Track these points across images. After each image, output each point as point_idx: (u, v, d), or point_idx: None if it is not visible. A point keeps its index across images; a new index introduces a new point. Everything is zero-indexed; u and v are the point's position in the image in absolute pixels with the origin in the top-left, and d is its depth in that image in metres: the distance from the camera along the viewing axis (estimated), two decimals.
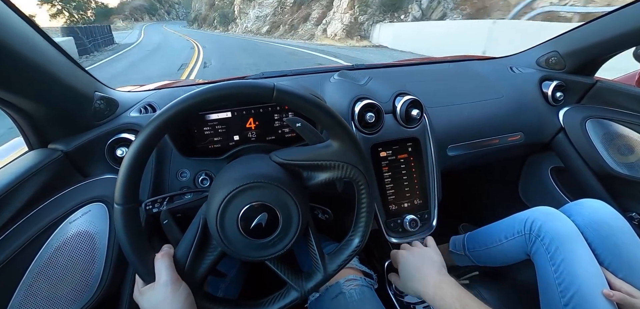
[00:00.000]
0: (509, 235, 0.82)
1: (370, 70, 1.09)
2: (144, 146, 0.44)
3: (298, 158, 0.52)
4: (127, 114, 0.79)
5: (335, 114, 0.49)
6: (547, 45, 1.10)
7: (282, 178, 0.49)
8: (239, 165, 0.54)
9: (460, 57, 1.28)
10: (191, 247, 0.51)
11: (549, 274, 0.72)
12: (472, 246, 0.94)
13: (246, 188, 0.47)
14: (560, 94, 1.04)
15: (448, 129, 0.94)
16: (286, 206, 0.48)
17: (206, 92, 0.45)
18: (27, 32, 0.55)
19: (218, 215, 0.46)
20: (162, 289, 0.47)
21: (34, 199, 0.61)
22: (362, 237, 0.56)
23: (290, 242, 0.50)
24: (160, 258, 0.49)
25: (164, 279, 0.47)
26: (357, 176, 0.52)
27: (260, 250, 0.49)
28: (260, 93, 0.46)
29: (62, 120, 0.69)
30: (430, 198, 0.87)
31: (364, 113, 0.79)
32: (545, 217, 0.76)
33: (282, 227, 0.49)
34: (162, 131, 0.45)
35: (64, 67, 0.64)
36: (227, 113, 0.72)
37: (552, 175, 1.20)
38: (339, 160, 0.51)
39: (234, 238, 0.48)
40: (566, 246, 0.71)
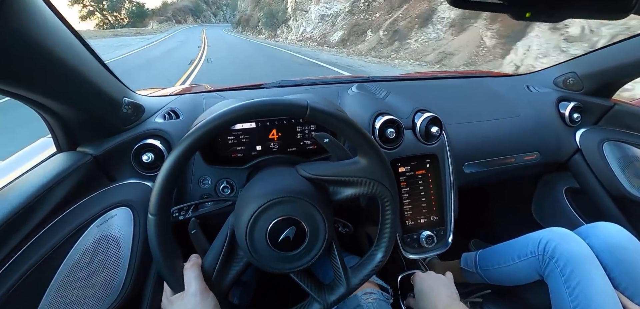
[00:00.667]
0: (522, 255, 0.82)
1: (387, 83, 1.10)
2: (180, 159, 0.45)
3: (326, 174, 0.53)
4: (152, 120, 0.81)
5: (365, 132, 0.51)
6: (565, 66, 1.11)
7: (309, 193, 0.50)
8: (268, 179, 0.55)
9: (476, 72, 1.29)
10: (219, 257, 0.52)
11: (563, 297, 0.71)
12: (484, 264, 0.94)
13: (276, 203, 0.48)
14: (578, 115, 1.04)
15: (465, 146, 0.94)
16: (314, 221, 0.49)
17: (242, 109, 0.46)
18: (62, 33, 0.55)
19: (248, 227, 0.47)
20: (192, 299, 0.47)
21: (64, 202, 0.63)
22: (385, 252, 0.56)
23: (316, 255, 0.51)
24: (190, 268, 0.50)
25: (193, 289, 0.48)
26: (383, 193, 0.53)
27: (286, 263, 0.50)
28: (294, 110, 0.48)
29: (92, 123, 0.70)
30: (447, 215, 0.87)
31: (384, 129, 0.80)
32: (560, 239, 0.76)
33: (309, 241, 0.49)
34: (197, 146, 0.46)
35: (96, 71, 0.66)
36: (251, 124, 0.73)
37: (567, 195, 1.19)
38: (366, 176, 0.52)
39: (262, 251, 0.49)
40: (581, 269, 0.70)
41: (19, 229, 0.53)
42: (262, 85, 1.08)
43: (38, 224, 0.57)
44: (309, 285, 0.55)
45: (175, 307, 0.49)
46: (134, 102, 0.78)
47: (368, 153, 0.52)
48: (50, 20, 0.52)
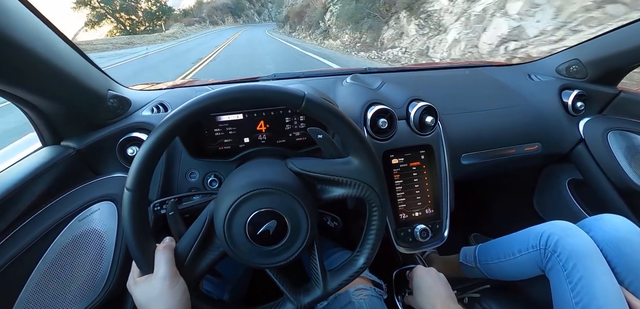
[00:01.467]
0: (523, 249, 0.80)
1: (383, 74, 1.07)
2: (163, 136, 0.43)
3: (316, 170, 0.51)
4: (139, 113, 0.79)
5: (360, 132, 0.49)
6: (568, 53, 1.07)
7: (295, 187, 0.48)
8: (253, 169, 0.53)
9: (476, 62, 1.25)
10: (194, 243, 0.49)
11: (565, 293, 0.69)
12: (484, 258, 0.91)
13: (258, 193, 0.46)
14: (581, 104, 1.00)
15: (462, 137, 0.91)
16: (296, 216, 0.47)
17: (233, 93, 0.44)
18: (41, 30, 0.55)
19: (227, 216, 0.45)
20: (159, 283, 0.45)
21: (46, 195, 0.61)
22: (367, 258, 0.54)
23: (296, 253, 0.49)
24: (162, 249, 0.47)
25: (162, 272, 0.45)
26: (372, 198, 0.51)
27: (264, 257, 0.48)
28: (289, 100, 0.45)
29: (75, 117, 0.69)
30: (443, 208, 0.84)
31: (376, 119, 0.77)
32: (562, 232, 0.73)
33: (289, 237, 0.48)
34: (179, 126, 0.44)
35: (78, 65, 0.65)
36: (238, 115, 0.71)
37: (570, 187, 1.15)
38: (357, 178, 0.50)
39: (240, 242, 0.47)
40: (584, 264, 0.68)
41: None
42: (258, 79, 1.06)
43: (18, 217, 0.56)
44: (283, 283, 0.53)
45: (139, 289, 0.46)
46: (120, 95, 0.76)
47: (361, 154, 0.50)
48: (27, 17, 0.51)
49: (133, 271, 0.49)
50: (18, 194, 0.56)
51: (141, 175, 0.44)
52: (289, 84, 0.96)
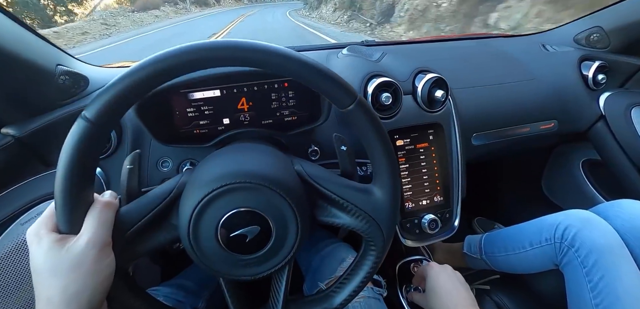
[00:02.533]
0: (535, 242, 0.72)
1: (384, 46, 0.95)
2: (167, 70, 0.31)
3: (328, 187, 0.41)
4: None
5: (398, 165, 0.41)
6: (589, 20, 0.96)
7: (290, 188, 0.38)
8: (232, 155, 0.42)
9: (483, 34, 1.14)
10: (149, 212, 0.37)
11: (583, 292, 0.62)
12: (490, 249, 0.84)
13: (237, 187, 0.35)
14: (603, 77, 0.91)
15: (474, 114, 0.81)
16: (284, 221, 0.37)
17: (278, 52, 0.33)
18: None
19: (193, 214, 0.35)
20: (81, 251, 0.31)
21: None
22: (345, 300, 0.44)
23: (277, 266, 0.39)
24: (100, 206, 0.34)
25: (90, 237, 0.31)
26: (376, 240, 0.42)
27: (237, 268, 0.38)
28: (338, 95, 0.36)
29: (16, 99, 0.57)
30: (453, 195, 0.75)
31: (378, 94, 0.66)
32: (581, 224, 0.65)
33: (272, 245, 0.38)
34: (199, 65, 0.32)
35: (13, 36, 0.52)
36: (215, 92, 0.60)
37: (584, 169, 1.07)
38: (371, 214, 0.40)
39: (208, 247, 0.37)
40: (607, 261, 0.60)
41: None
42: None
43: None
44: (233, 299, 0.43)
45: (43, 250, 0.31)
46: (73, 71, 0.64)
47: (386, 190, 0.41)
48: None
49: (43, 220, 0.33)
50: None
51: (110, 108, 0.31)
52: None
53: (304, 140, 0.66)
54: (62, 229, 0.32)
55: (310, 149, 0.66)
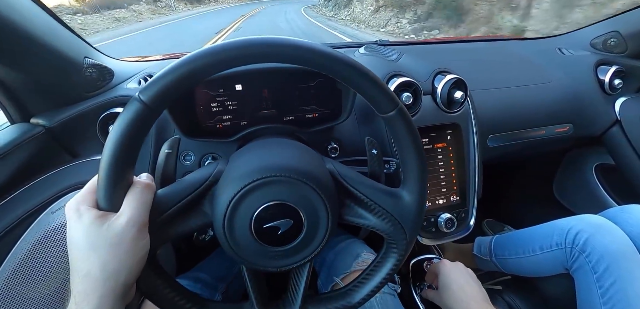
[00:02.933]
0: (545, 247, 0.72)
1: (400, 46, 0.96)
2: (225, 61, 0.32)
3: (358, 187, 0.41)
4: (124, 85, 0.68)
5: (427, 172, 0.41)
6: (606, 24, 0.96)
7: (322, 182, 0.38)
8: (262, 149, 0.43)
9: (500, 36, 1.14)
10: (184, 198, 0.37)
11: (593, 298, 0.62)
12: (501, 252, 0.84)
13: (270, 181, 0.36)
14: (619, 82, 0.90)
15: (490, 116, 0.81)
16: (315, 213, 0.38)
17: (326, 53, 0.34)
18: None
19: (229, 208, 0.36)
20: (121, 230, 0.31)
21: (9, 184, 0.51)
22: (363, 299, 0.45)
23: (307, 257, 0.40)
24: (140, 187, 0.34)
25: (130, 216, 0.32)
26: (399, 242, 0.42)
27: (270, 259, 0.39)
28: (380, 100, 0.36)
29: (45, 90, 0.58)
30: (470, 195, 0.75)
31: (399, 93, 0.67)
32: (593, 229, 0.65)
33: (304, 237, 0.38)
34: (261, 58, 0.33)
35: (46, 27, 0.53)
36: (238, 87, 0.60)
37: (597, 173, 1.07)
38: (398, 217, 0.41)
39: (243, 240, 0.37)
40: (619, 267, 0.60)
41: None
42: None
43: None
44: (254, 288, 0.43)
45: (83, 226, 0.31)
46: (99, 64, 0.65)
47: (415, 196, 0.41)
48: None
49: (83, 195, 0.33)
50: None
51: (167, 93, 0.31)
52: None
53: (324, 137, 0.67)
54: (103, 206, 0.32)
55: (330, 146, 0.67)
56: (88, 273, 0.30)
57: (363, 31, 9.77)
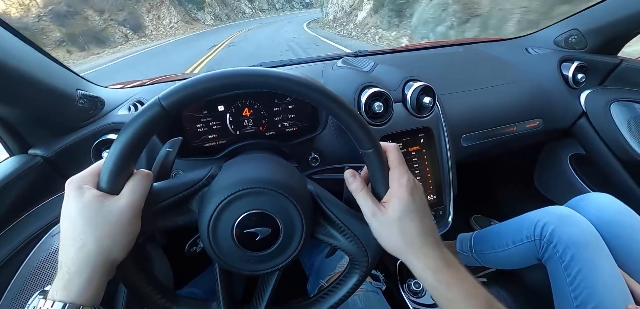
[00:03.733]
0: (517, 240, 0.75)
1: (375, 56, 1.02)
2: (229, 84, 0.36)
3: (333, 210, 0.45)
4: (115, 113, 0.73)
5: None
6: (566, 23, 1.02)
7: (306, 205, 0.42)
8: (245, 164, 0.47)
9: (470, 39, 1.20)
10: (178, 194, 0.41)
11: (563, 286, 0.65)
12: (479, 247, 0.88)
13: (250, 192, 0.40)
14: (582, 76, 0.96)
15: (462, 117, 0.87)
16: (292, 231, 0.42)
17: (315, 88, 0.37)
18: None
19: (212, 217, 0.39)
20: (119, 211, 0.34)
21: (12, 211, 0.55)
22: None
23: (285, 261, 0.43)
24: (142, 177, 0.37)
25: (130, 200, 0.35)
26: (361, 264, 0.45)
27: (251, 264, 0.42)
28: (361, 138, 0.40)
29: (41, 122, 0.63)
30: (445, 194, 0.80)
31: (371, 103, 0.72)
32: (558, 221, 0.68)
33: (277, 247, 0.42)
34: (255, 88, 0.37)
35: (38, 64, 0.58)
36: (220, 108, 0.65)
37: (572, 163, 1.12)
38: (364, 241, 0.44)
39: (226, 246, 0.41)
40: (583, 255, 0.63)
41: None
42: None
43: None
44: (222, 288, 0.46)
45: (85, 201, 0.34)
46: (90, 95, 0.70)
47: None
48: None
49: (86, 175, 0.36)
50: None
51: (184, 103, 0.35)
52: None
53: (305, 148, 0.72)
54: (105, 188, 0.35)
55: (310, 157, 0.72)
56: (84, 245, 0.33)
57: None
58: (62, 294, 0.31)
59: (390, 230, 0.39)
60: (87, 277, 0.33)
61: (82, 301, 0.32)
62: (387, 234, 0.40)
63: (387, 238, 0.40)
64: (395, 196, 0.39)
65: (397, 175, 0.40)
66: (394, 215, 0.38)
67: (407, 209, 0.38)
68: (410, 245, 0.39)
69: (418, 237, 0.39)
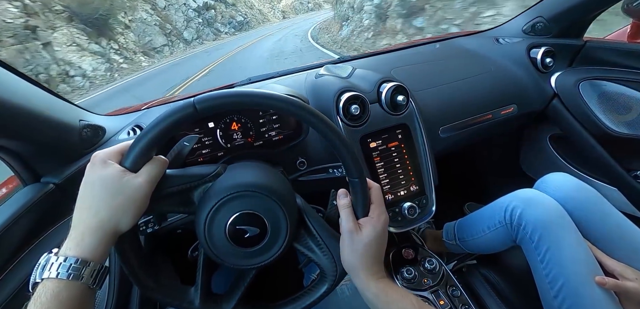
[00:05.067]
0: (491, 225, 0.79)
1: (355, 61, 1.08)
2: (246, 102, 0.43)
3: (314, 225, 0.51)
4: (116, 138, 0.80)
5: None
6: (532, 12, 1.09)
7: (292, 211, 0.48)
8: (238, 171, 0.52)
9: (446, 35, 1.27)
10: (186, 183, 0.46)
11: (536, 265, 0.68)
12: (461, 235, 0.92)
13: (242, 195, 0.46)
14: (550, 60, 1.02)
15: (438, 111, 0.93)
16: (278, 232, 0.47)
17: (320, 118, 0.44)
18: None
19: (208, 217, 0.45)
20: (136, 184, 0.39)
21: (30, 235, 0.62)
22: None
23: (271, 257, 0.48)
24: (160, 162, 0.43)
25: (147, 177, 0.40)
26: (330, 277, 0.52)
27: (240, 259, 0.48)
28: (349, 167, 0.47)
29: (49, 152, 0.69)
30: (426, 184, 0.85)
31: (348, 106, 0.78)
32: (524, 204, 0.72)
33: (264, 245, 0.47)
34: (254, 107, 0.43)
35: (43, 100, 0.65)
36: (210, 124, 0.72)
37: (552, 143, 1.18)
38: (336, 257, 0.51)
39: (220, 243, 0.46)
40: (549, 234, 0.66)
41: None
42: (234, 85, 1.06)
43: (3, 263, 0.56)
44: (201, 275, 0.51)
45: (108, 172, 0.39)
46: (92, 124, 0.77)
47: None
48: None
49: (112, 152, 0.42)
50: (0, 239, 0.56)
51: (214, 110, 0.42)
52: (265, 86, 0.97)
53: (292, 153, 0.78)
54: (127, 165, 0.40)
55: (298, 161, 0.78)
56: (99, 211, 0.38)
57: None
58: (75, 251, 0.37)
59: (356, 247, 0.48)
60: (99, 238, 0.38)
61: (91, 257, 0.37)
62: (350, 250, 0.48)
63: (350, 254, 0.48)
64: (371, 225, 0.48)
65: (378, 211, 0.49)
66: (366, 238, 0.47)
67: (376, 238, 0.48)
68: (364, 265, 0.48)
69: (373, 259, 0.48)
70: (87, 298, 0.37)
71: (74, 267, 0.35)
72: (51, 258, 0.36)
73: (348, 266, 0.49)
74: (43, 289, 0.35)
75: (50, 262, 0.36)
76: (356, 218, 0.49)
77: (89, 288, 0.37)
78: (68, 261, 0.36)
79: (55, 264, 0.35)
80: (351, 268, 0.49)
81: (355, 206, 0.49)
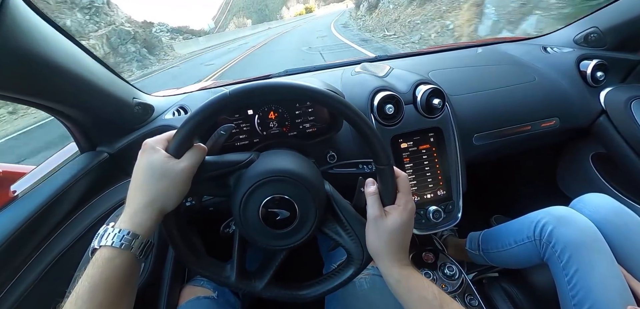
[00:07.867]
0: (518, 240, 0.77)
1: (393, 60, 1.08)
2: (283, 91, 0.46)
3: (343, 212, 0.53)
4: (162, 117, 0.86)
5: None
6: (586, 22, 1.02)
7: (322, 199, 0.50)
8: (273, 157, 0.54)
9: (490, 40, 1.22)
10: (222, 169, 0.49)
11: (562, 286, 0.66)
12: (486, 246, 0.90)
13: (276, 180, 0.48)
14: (601, 74, 0.96)
15: (474, 117, 0.91)
16: (306, 217, 0.49)
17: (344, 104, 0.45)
18: (70, 49, 0.61)
19: (244, 197, 0.47)
20: (179, 169, 0.44)
21: (85, 198, 0.69)
22: (308, 296, 0.54)
23: (299, 240, 0.51)
24: (200, 149, 0.47)
25: (188, 163, 0.44)
26: (356, 261, 0.52)
27: (271, 239, 0.50)
28: (378, 154, 0.48)
29: (106, 124, 0.76)
30: (454, 189, 0.85)
31: (383, 105, 0.79)
32: (556, 221, 0.69)
33: (293, 228, 0.50)
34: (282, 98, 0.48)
35: (104, 77, 0.71)
36: (249, 112, 0.76)
37: (594, 162, 1.11)
38: (363, 241, 0.51)
39: (252, 222, 0.49)
40: (580, 255, 0.64)
41: (41, 226, 0.60)
42: (271, 76, 1.10)
43: (61, 220, 0.63)
44: (238, 254, 0.54)
45: (155, 158, 0.43)
46: (143, 102, 0.83)
47: None
48: (50, 35, 0.57)
49: (160, 139, 0.46)
50: (59, 199, 0.64)
51: (246, 100, 0.44)
52: (301, 79, 0.99)
53: (324, 146, 0.80)
54: (171, 152, 0.44)
55: (328, 154, 0.80)
56: (148, 192, 0.42)
57: None
58: (128, 225, 0.41)
59: (381, 234, 0.48)
60: (148, 215, 0.42)
61: (140, 231, 0.42)
62: (375, 236, 0.49)
63: (375, 240, 0.49)
64: (398, 212, 0.48)
65: (404, 199, 0.49)
66: (391, 225, 0.48)
67: (402, 226, 0.48)
68: (388, 251, 0.48)
69: (398, 246, 0.48)
70: (134, 267, 0.42)
71: (126, 238, 0.40)
72: (108, 229, 0.41)
73: (373, 251, 0.50)
74: (100, 254, 0.40)
75: (108, 232, 0.41)
76: (383, 205, 0.49)
77: (136, 258, 0.42)
78: (121, 233, 0.40)
79: (111, 235, 0.40)
80: (376, 253, 0.50)
81: (382, 194, 0.50)
